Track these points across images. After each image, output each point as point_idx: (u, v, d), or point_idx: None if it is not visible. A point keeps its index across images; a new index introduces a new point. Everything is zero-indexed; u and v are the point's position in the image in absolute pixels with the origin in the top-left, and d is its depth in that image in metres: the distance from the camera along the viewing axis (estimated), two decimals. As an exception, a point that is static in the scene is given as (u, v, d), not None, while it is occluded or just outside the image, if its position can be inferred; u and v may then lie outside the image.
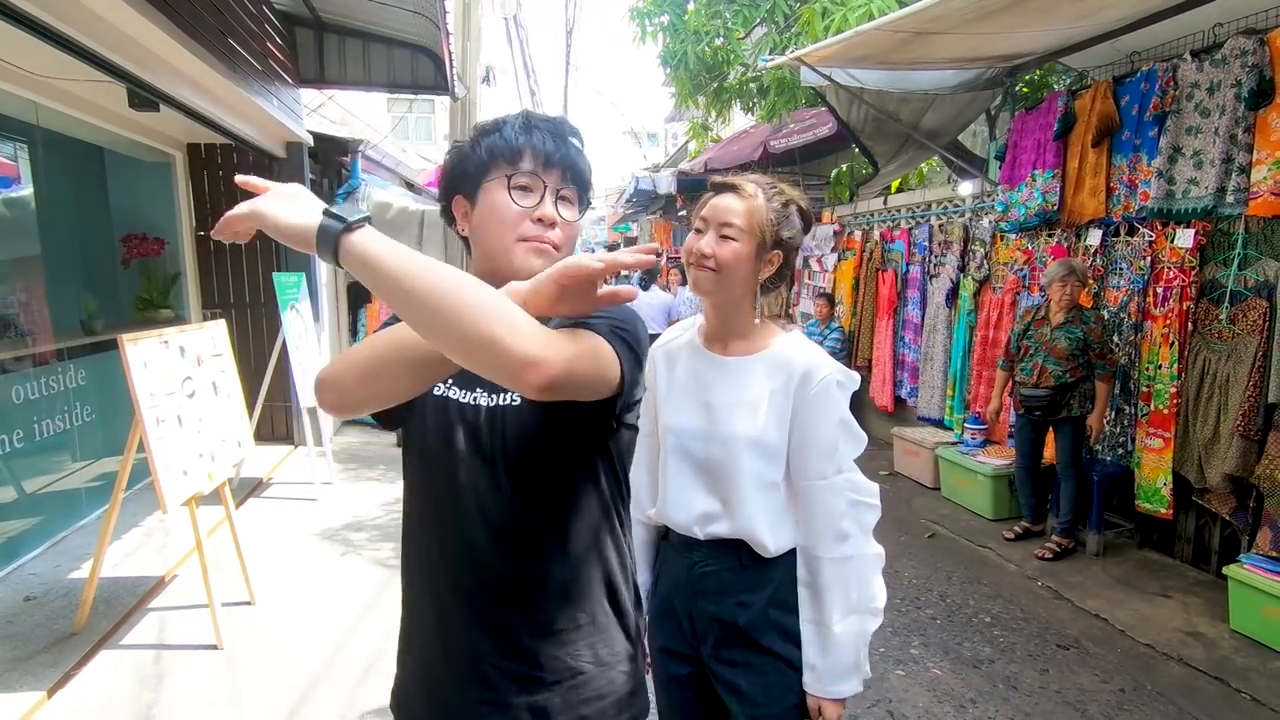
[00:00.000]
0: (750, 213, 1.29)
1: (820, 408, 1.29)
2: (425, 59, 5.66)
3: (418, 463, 1.07)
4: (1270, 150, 3.18)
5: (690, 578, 1.38)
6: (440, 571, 1.04)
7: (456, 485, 1.01)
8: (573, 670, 1.02)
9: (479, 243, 1.04)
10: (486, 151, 1.01)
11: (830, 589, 1.30)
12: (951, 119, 5.27)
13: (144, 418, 2.70)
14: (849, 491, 1.32)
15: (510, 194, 1.00)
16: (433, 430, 1.04)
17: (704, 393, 1.35)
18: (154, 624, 3.10)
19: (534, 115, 1.05)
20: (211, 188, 5.50)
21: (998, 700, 2.70)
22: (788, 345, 1.34)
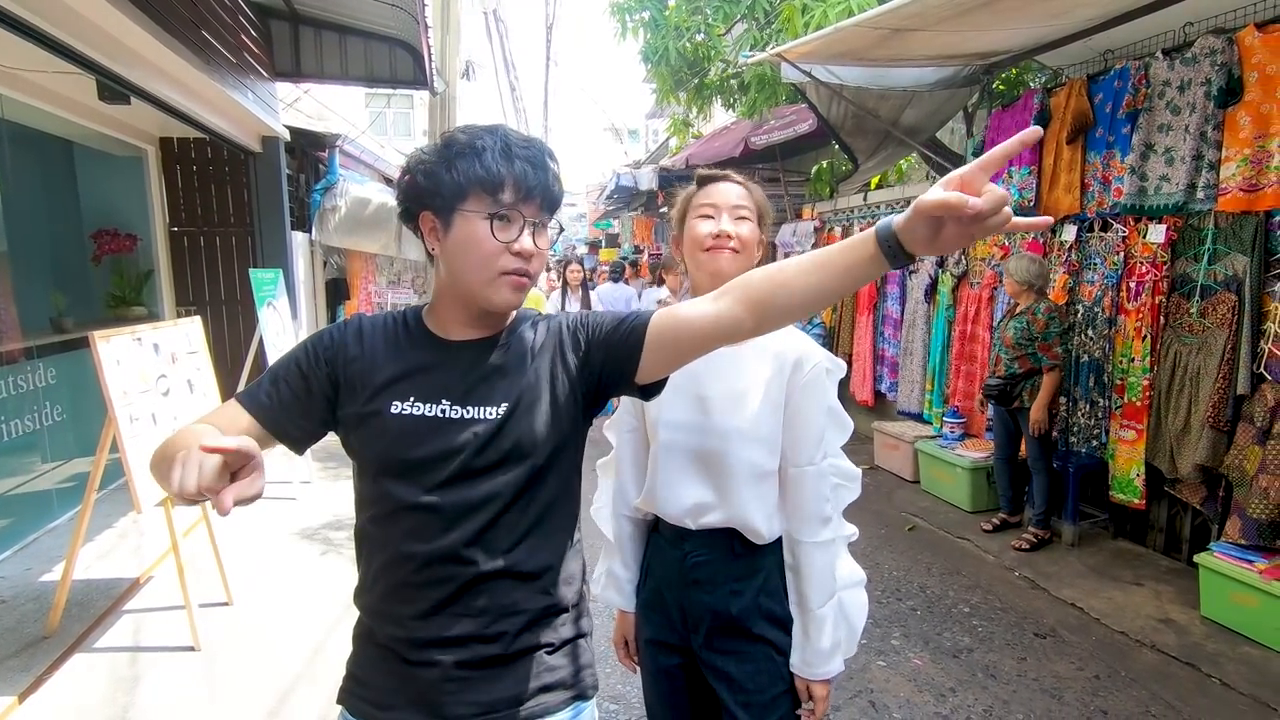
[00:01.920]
0: (751, 195, 1.37)
1: (811, 395, 1.31)
2: (404, 53, 5.60)
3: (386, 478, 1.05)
4: (1239, 147, 3.24)
5: (683, 568, 1.39)
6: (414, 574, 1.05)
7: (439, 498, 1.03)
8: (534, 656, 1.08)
9: (454, 269, 1.04)
10: (464, 177, 0.99)
11: (813, 573, 1.33)
12: (930, 116, 5.33)
13: (117, 416, 2.64)
14: (834, 476, 1.35)
15: (491, 228, 1.00)
16: (405, 446, 1.03)
17: (696, 385, 1.35)
18: (129, 626, 3.05)
19: (513, 140, 1.02)
20: (185, 183, 5.41)
21: (976, 689, 2.74)
22: (777, 334, 1.35)
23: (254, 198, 5.47)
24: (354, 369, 1.07)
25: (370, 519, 1.08)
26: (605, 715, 2.59)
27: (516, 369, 1.07)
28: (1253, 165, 3.19)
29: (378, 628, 1.07)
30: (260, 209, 5.48)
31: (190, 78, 3.91)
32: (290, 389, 1.05)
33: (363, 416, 1.05)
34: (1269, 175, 3.12)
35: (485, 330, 1.09)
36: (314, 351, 1.07)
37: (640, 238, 15.32)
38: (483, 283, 1.01)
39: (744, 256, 1.33)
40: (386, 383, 1.06)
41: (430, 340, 1.09)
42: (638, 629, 1.53)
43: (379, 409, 1.04)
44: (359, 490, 1.10)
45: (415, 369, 1.06)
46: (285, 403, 1.05)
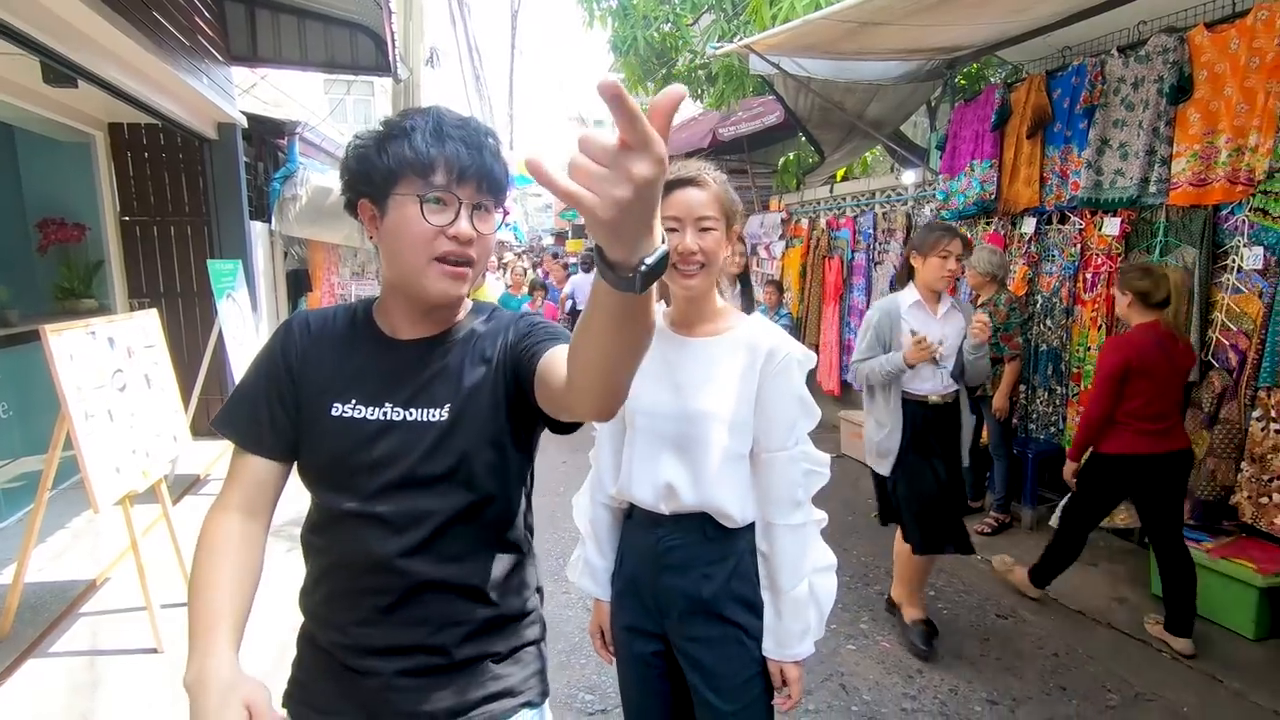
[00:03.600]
0: (717, 199, 1.34)
1: (782, 383, 1.34)
2: (365, 38, 5.46)
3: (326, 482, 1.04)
4: (1189, 143, 3.37)
5: (656, 553, 1.41)
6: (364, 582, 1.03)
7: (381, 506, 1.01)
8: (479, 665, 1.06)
9: (389, 256, 1.00)
10: (394, 160, 0.95)
11: (785, 556, 1.36)
12: (894, 109, 5.41)
13: (71, 413, 2.55)
14: (804, 462, 1.38)
15: (422, 211, 0.95)
16: (344, 451, 1.01)
17: (672, 373, 1.38)
18: (86, 629, 2.95)
19: (445, 119, 0.98)
20: (137, 170, 5.20)
21: (942, 669, 2.82)
22: (750, 326, 1.40)
23: (210, 186, 5.29)
24: (302, 368, 1.05)
25: (313, 525, 1.06)
26: (581, 706, 2.59)
27: (462, 370, 1.03)
28: (1202, 160, 3.31)
29: (320, 633, 1.06)
30: (217, 198, 5.30)
31: (141, 60, 3.76)
32: (270, 410, 1.04)
33: (307, 420, 1.03)
34: (1217, 170, 3.25)
35: (433, 327, 1.05)
36: (273, 360, 1.05)
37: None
38: (416, 270, 0.97)
39: (712, 268, 1.34)
40: (328, 383, 1.03)
41: (377, 338, 1.05)
42: (613, 616, 1.54)
43: (321, 411, 1.02)
44: (309, 495, 1.09)
45: (359, 369, 1.03)
46: (280, 428, 1.04)
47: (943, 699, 2.64)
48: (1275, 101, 3.02)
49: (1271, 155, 3.04)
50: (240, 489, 1.03)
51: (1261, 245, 3.13)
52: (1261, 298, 3.13)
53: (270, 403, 1.04)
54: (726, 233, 1.36)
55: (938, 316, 2.77)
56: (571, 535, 4.13)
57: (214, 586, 0.96)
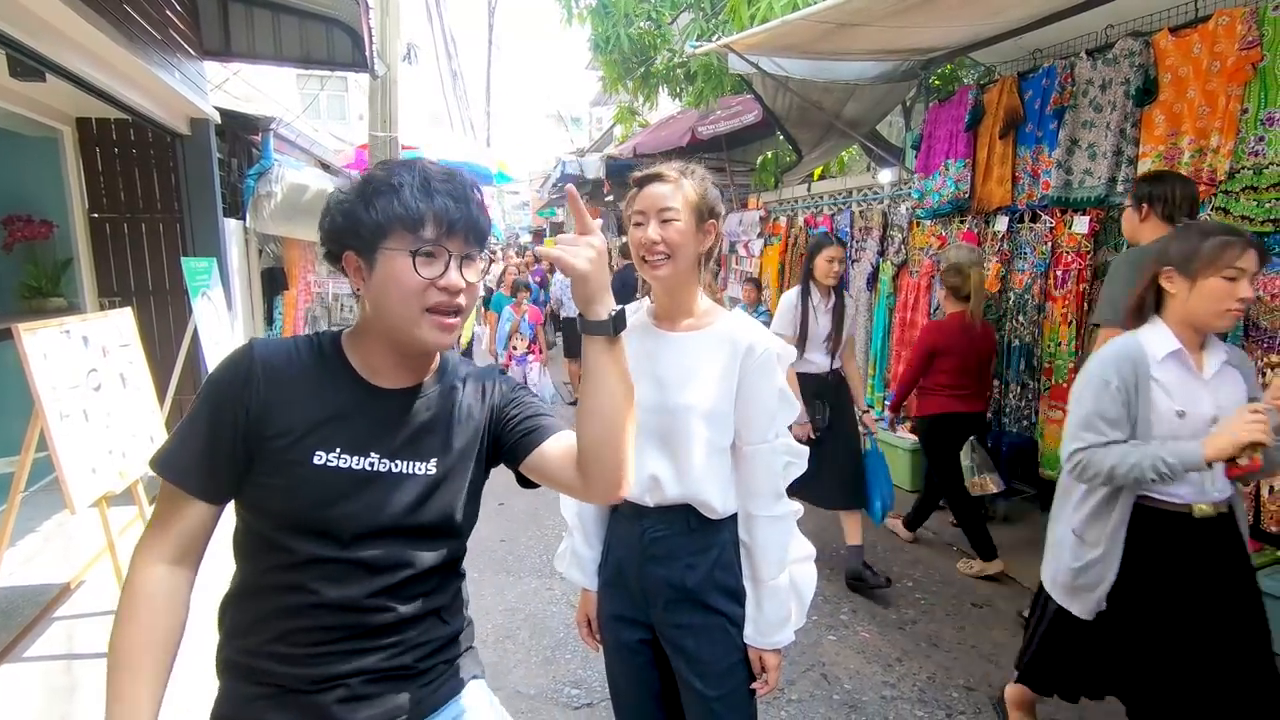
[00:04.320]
0: (682, 194, 1.37)
1: (762, 377, 1.38)
2: (342, 34, 5.40)
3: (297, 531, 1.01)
4: (1154, 144, 3.47)
5: (641, 544, 1.44)
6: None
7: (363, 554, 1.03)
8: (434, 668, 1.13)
9: (380, 308, 1.02)
10: (383, 215, 0.98)
11: (767, 547, 1.40)
12: (871, 109, 5.49)
13: (46, 413, 2.50)
14: (784, 454, 1.43)
15: (415, 264, 0.98)
16: (327, 502, 1.01)
17: (655, 367, 1.42)
18: (61, 633, 2.90)
19: (433, 175, 1.01)
20: (106, 166, 5.09)
21: (920, 658, 2.89)
22: (732, 322, 1.43)
23: (183, 182, 5.19)
24: (265, 409, 1.00)
25: (268, 569, 1.03)
26: (567, 700, 2.61)
27: (446, 426, 1.09)
28: (1166, 161, 3.41)
29: (264, 668, 1.03)
30: (190, 194, 5.20)
31: (111, 53, 3.68)
32: (221, 453, 1.00)
33: (279, 465, 1.00)
34: (1180, 170, 3.34)
35: (413, 376, 1.09)
36: (226, 399, 1.00)
37: (585, 227, 15.21)
38: (409, 321, 1.00)
39: (678, 259, 1.36)
40: (306, 428, 1.01)
41: (354, 382, 1.05)
42: (600, 606, 1.57)
43: (300, 458, 1.00)
44: (244, 538, 1.05)
45: (339, 414, 1.03)
46: (230, 472, 1.01)
47: (921, 686, 2.70)
48: (1236, 104, 3.12)
49: (1232, 156, 3.15)
50: (175, 537, 1.01)
51: (1223, 243, 3.24)
52: (1223, 294, 3.24)
53: (220, 444, 0.99)
54: (700, 226, 1.38)
55: (1205, 375, 1.77)
56: (554, 532, 4.15)
57: (141, 650, 0.97)
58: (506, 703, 2.58)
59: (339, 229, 1.02)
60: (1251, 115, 3.09)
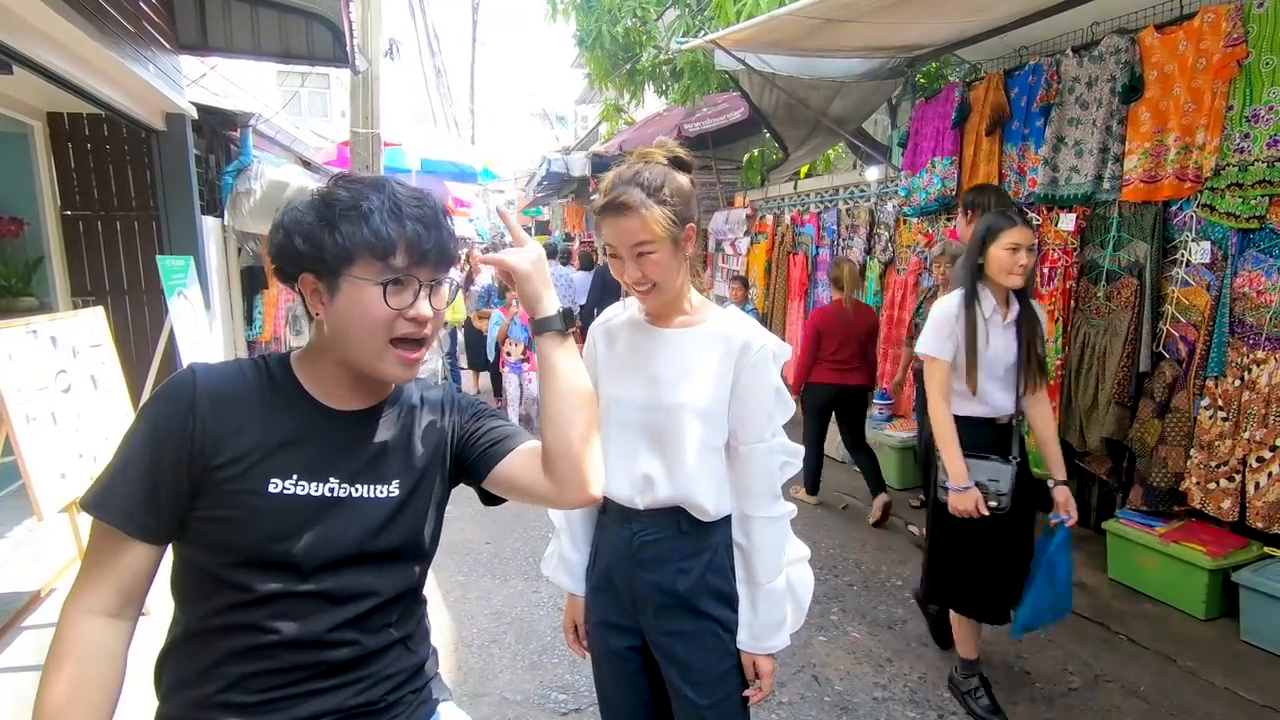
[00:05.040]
0: (649, 222, 1.25)
1: (758, 375, 1.34)
2: (322, 28, 5.30)
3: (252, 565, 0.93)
4: (1140, 141, 3.47)
5: (630, 548, 1.40)
6: None
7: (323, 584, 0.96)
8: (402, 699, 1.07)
9: (341, 336, 0.95)
10: (350, 241, 0.91)
11: (763, 548, 1.36)
12: (857, 106, 5.47)
13: (11, 416, 2.41)
14: (780, 453, 1.38)
15: (385, 295, 0.92)
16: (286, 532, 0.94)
17: (647, 365, 1.38)
18: (31, 643, 2.80)
19: (402, 198, 0.94)
20: (79, 162, 4.96)
21: (911, 657, 2.87)
22: (725, 319, 1.39)
23: (158, 179, 5.07)
24: (212, 439, 0.91)
25: (216, 610, 0.93)
26: (554, 706, 2.57)
27: (406, 446, 1.05)
28: (1152, 158, 3.42)
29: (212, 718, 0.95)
30: (166, 191, 5.08)
31: (83, 46, 3.58)
32: (164, 490, 0.91)
33: (229, 496, 0.91)
34: (1166, 168, 3.36)
35: (369, 398, 1.03)
36: (166, 431, 0.91)
37: (571, 225, 15.16)
38: (373, 353, 0.95)
39: (664, 285, 1.30)
40: (258, 456, 0.93)
41: (308, 405, 0.99)
42: (588, 612, 1.52)
43: (253, 487, 0.92)
44: (187, 580, 0.95)
45: (293, 439, 0.96)
46: (174, 509, 0.92)
47: (912, 687, 2.68)
48: (1221, 101, 3.13)
49: (1218, 153, 3.16)
50: (112, 584, 0.90)
51: (1209, 240, 3.25)
52: (1209, 290, 3.25)
53: (163, 479, 0.90)
54: (678, 243, 1.29)
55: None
56: (540, 534, 4.10)
57: (73, 712, 0.87)
58: (493, 709, 2.54)
59: (297, 253, 0.93)
60: (1237, 112, 3.10)
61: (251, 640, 0.93)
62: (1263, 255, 3.06)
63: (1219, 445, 3.17)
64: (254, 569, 0.92)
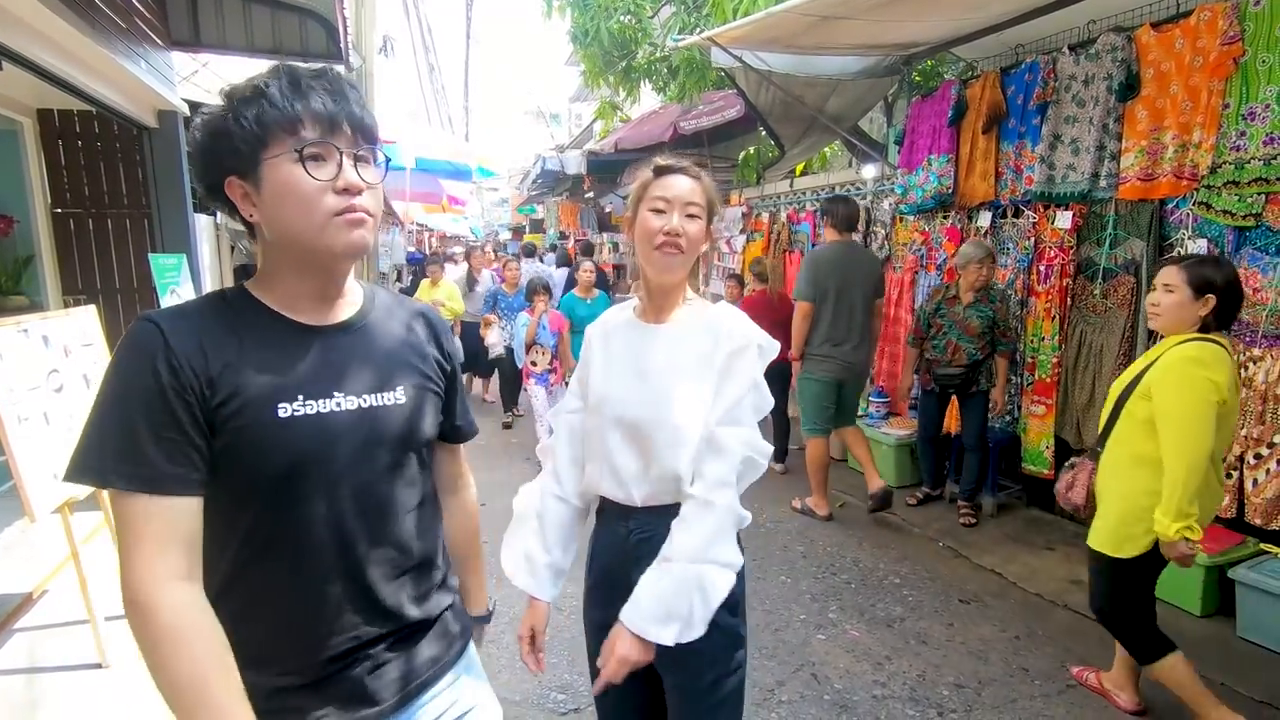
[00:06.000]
0: (705, 192, 1.38)
1: (739, 362, 1.34)
2: (316, 24, 5.26)
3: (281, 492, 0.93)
4: (1136, 139, 3.48)
5: (627, 546, 1.38)
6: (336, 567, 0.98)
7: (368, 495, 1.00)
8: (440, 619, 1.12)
9: (279, 227, 0.92)
10: (256, 123, 0.88)
11: (686, 529, 1.27)
12: (853, 104, 5.47)
13: (2, 416, 2.38)
14: (746, 447, 1.32)
15: (305, 168, 0.89)
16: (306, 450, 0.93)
17: (639, 361, 1.39)
18: (23, 645, 2.78)
19: (300, 73, 0.92)
20: (70, 160, 4.92)
21: (910, 655, 2.87)
22: (718, 313, 1.41)
23: (150, 177, 5.03)
24: (207, 377, 0.89)
25: (248, 550, 0.93)
26: (553, 706, 2.55)
27: (402, 356, 1.06)
28: (1149, 156, 3.42)
29: (276, 658, 0.95)
30: (158, 189, 5.04)
31: (73, 42, 3.54)
32: (192, 439, 0.88)
33: (240, 429, 0.89)
34: (1163, 166, 3.36)
35: (340, 308, 1.02)
36: (163, 380, 0.86)
37: (566, 223, 15.13)
38: (315, 231, 0.91)
39: (687, 256, 1.36)
40: (257, 384, 0.91)
41: (283, 325, 0.97)
42: (586, 611, 1.50)
43: (261, 417, 0.90)
44: (212, 525, 0.91)
45: (282, 361, 0.94)
46: (203, 455, 0.89)
47: (911, 685, 2.68)
48: (1217, 99, 3.14)
49: (1214, 151, 3.16)
50: (180, 548, 0.86)
51: (1205, 237, 3.26)
52: (1205, 288, 3.26)
53: (188, 430, 0.87)
54: (708, 228, 1.39)
55: None
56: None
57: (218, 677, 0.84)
58: (491, 710, 2.52)
59: (209, 150, 0.91)
60: (1233, 110, 3.10)
61: (290, 573, 0.95)
62: (1259, 253, 3.07)
63: (1215, 442, 3.17)
64: (279, 499, 0.92)
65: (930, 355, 4.13)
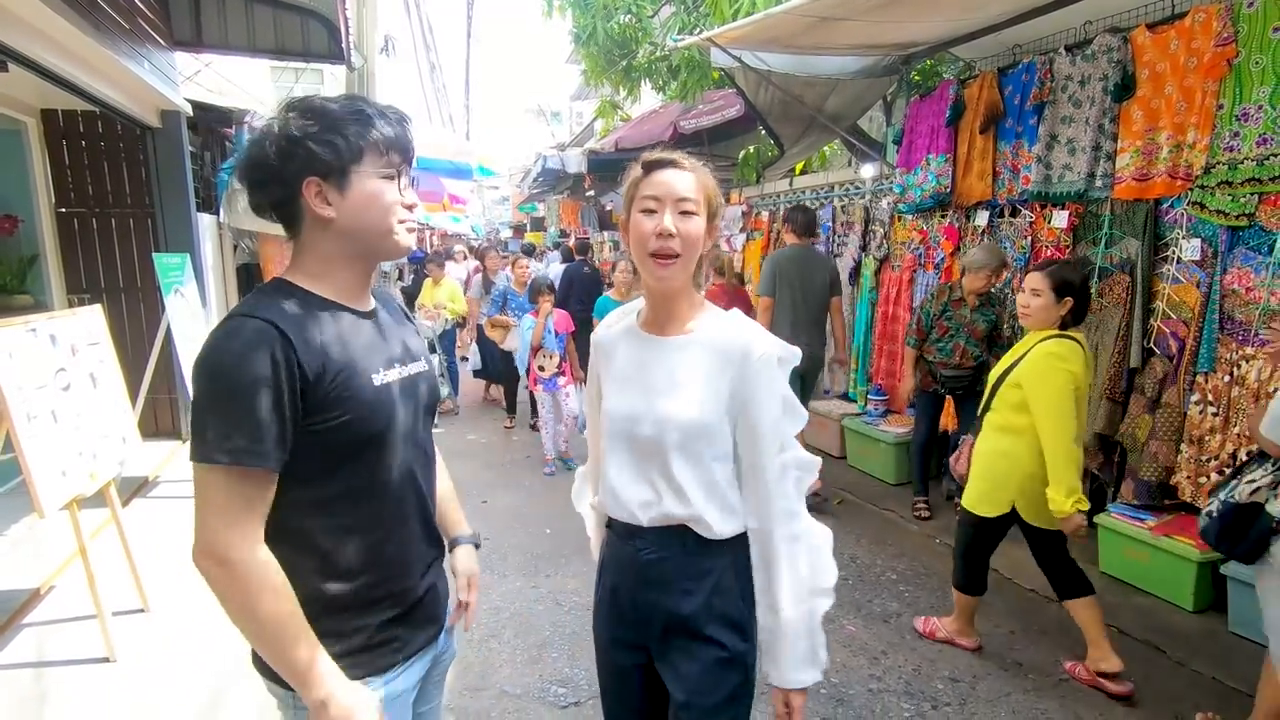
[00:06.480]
0: (701, 185, 1.27)
1: (761, 384, 1.26)
2: (318, 25, 5.30)
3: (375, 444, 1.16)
4: (1132, 139, 3.51)
5: (635, 565, 1.34)
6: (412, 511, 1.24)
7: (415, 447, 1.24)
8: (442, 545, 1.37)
9: (359, 224, 1.13)
10: (359, 138, 1.10)
11: (781, 570, 1.27)
12: (852, 103, 5.50)
13: (12, 414, 2.42)
14: (794, 468, 1.30)
15: (398, 184, 1.15)
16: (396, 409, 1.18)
17: (643, 376, 1.32)
18: (31, 640, 2.82)
19: (385, 108, 1.16)
20: (74, 159, 4.95)
21: (905, 650, 2.91)
22: (724, 323, 1.32)
23: (154, 176, 5.07)
24: (313, 363, 1.08)
25: (359, 501, 1.15)
26: (554, 700, 2.59)
27: (409, 332, 1.33)
28: (1144, 156, 3.45)
29: (383, 602, 1.18)
30: (161, 189, 5.09)
31: (77, 43, 3.58)
32: (286, 423, 1.05)
33: (342, 399, 1.10)
34: (1158, 166, 3.39)
35: (368, 298, 1.25)
36: (279, 370, 1.03)
37: (566, 221, 15.16)
38: (384, 233, 1.15)
39: (685, 259, 1.26)
40: (353, 362, 1.13)
41: (344, 312, 1.17)
42: (595, 626, 1.46)
43: (361, 386, 1.13)
44: (316, 478, 1.11)
45: (358, 342, 1.17)
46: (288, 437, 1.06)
47: (907, 678, 2.71)
48: (1211, 100, 3.16)
49: (1208, 151, 3.19)
50: (260, 517, 1.05)
51: (1199, 237, 3.29)
52: (1199, 287, 3.29)
53: (287, 416, 1.05)
54: (710, 225, 1.29)
55: None
56: (538, 530, 4.12)
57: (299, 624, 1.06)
58: (492, 702, 2.57)
59: (305, 157, 1.08)
60: (1227, 111, 3.13)
61: (390, 509, 1.19)
62: (1252, 252, 3.10)
63: (1209, 440, 3.21)
64: (376, 450, 1.16)
65: (936, 358, 4.10)
